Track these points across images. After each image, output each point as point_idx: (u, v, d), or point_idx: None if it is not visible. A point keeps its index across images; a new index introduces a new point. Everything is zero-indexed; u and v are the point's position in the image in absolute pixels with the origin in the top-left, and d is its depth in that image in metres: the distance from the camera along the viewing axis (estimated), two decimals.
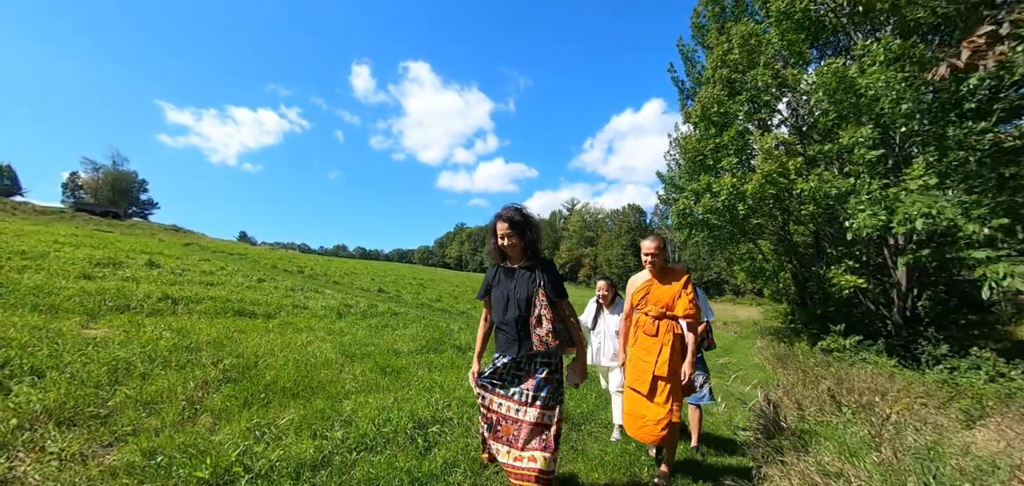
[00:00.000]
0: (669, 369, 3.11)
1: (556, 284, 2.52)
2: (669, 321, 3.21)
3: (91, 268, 7.79)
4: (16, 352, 3.48)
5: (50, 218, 34.05)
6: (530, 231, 2.56)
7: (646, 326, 3.26)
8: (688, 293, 3.19)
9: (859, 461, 3.35)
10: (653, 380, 3.12)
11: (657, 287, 3.30)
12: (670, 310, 3.21)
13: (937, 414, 5.13)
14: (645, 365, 3.19)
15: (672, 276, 3.29)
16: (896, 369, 8.82)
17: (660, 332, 3.19)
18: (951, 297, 12.18)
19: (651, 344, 3.21)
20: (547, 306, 2.46)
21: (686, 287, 3.21)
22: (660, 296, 3.26)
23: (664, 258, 3.31)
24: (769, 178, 10.59)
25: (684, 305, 3.18)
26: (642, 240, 3.33)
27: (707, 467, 3.73)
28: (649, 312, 3.28)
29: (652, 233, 3.35)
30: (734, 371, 8.28)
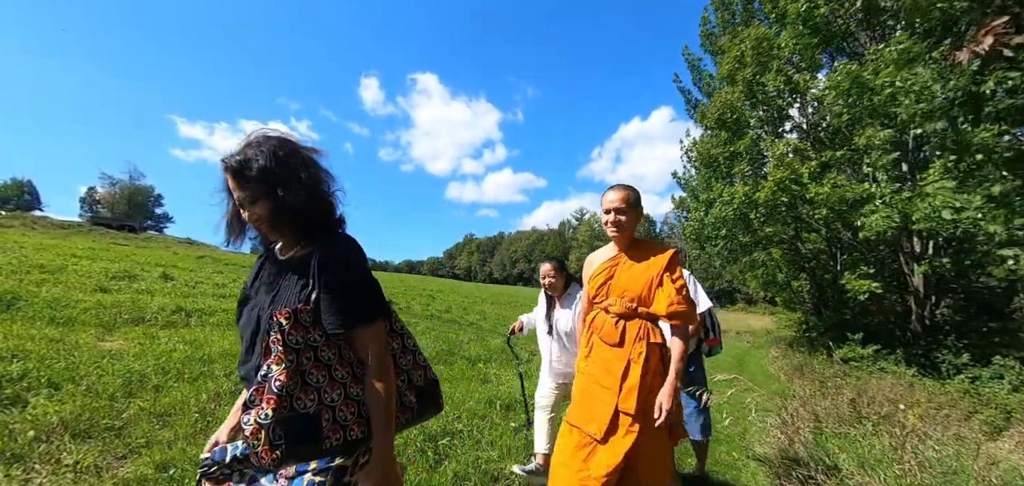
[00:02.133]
0: (640, 399, 1.95)
1: (344, 291, 1.20)
2: (642, 323, 2.07)
3: (107, 281, 7.92)
4: (34, 364, 3.54)
5: (68, 232, 34.80)
6: (279, 173, 1.20)
7: (606, 330, 2.11)
8: (674, 278, 2.08)
9: (880, 474, 3.26)
10: (614, 417, 1.96)
11: (625, 268, 2.15)
12: (645, 305, 2.08)
13: (960, 425, 4.99)
14: (601, 393, 2.03)
15: (648, 252, 2.17)
16: (916, 379, 8.61)
17: (627, 340, 2.06)
18: (971, 304, 11.89)
19: (613, 359, 2.06)
20: (304, 347, 1.18)
21: (671, 270, 2.10)
22: (628, 282, 2.11)
23: (635, 219, 2.18)
24: (782, 185, 10.48)
25: (668, 298, 2.03)
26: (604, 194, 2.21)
27: None
28: (611, 308, 2.12)
29: (620, 185, 2.18)
30: (748, 385, 8.15)
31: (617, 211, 2.12)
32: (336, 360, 1.24)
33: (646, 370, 1.99)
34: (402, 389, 1.43)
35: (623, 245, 2.20)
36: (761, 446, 4.40)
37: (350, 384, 1.25)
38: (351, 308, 1.21)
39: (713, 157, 13.23)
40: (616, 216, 2.11)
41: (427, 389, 1.51)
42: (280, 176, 1.20)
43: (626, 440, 1.92)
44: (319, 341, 1.21)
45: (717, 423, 5.15)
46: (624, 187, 2.14)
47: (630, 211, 2.13)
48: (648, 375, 2.00)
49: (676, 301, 2.01)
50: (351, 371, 1.26)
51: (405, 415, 1.43)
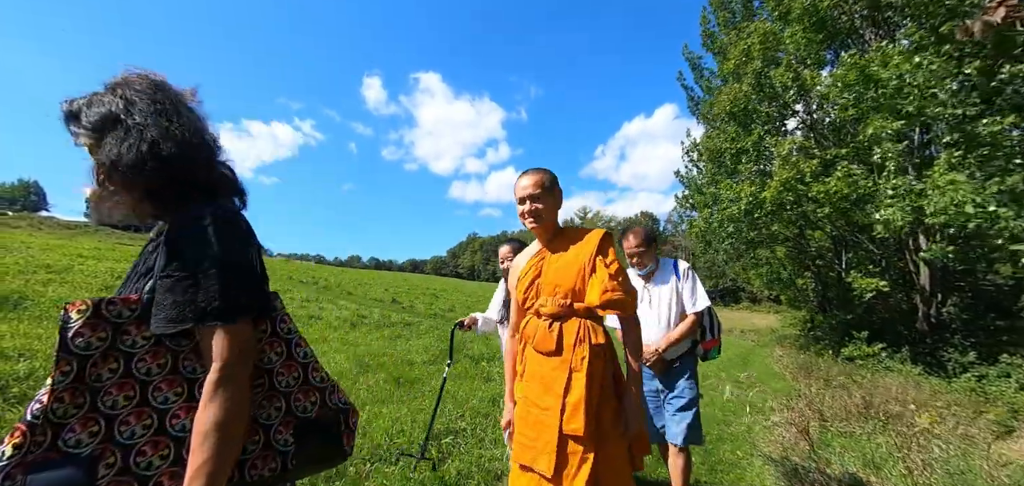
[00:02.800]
0: (589, 418, 1.60)
1: (190, 275, 0.88)
2: (581, 321, 1.73)
3: (113, 281, 7.97)
4: (41, 363, 3.56)
5: (74, 232, 35.06)
6: (127, 118, 0.92)
7: (540, 337, 1.77)
8: (607, 262, 1.74)
9: (885, 473, 3.25)
10: (560, 443, 1.61)
11: (553, 261, 1.83)
12: (580, 299, 1.75)
13: (967, 424, 4.96)
14: (542, 417, 1.68)
15: (576, 238, 1.85)
16: (922, 377, 8.56)
17: (565, 344, 1.71)
18: (978, 302, 11.82)
19: (550, 372, 1.71)
20: (104, 353, 0.85)
21: (603, 253, 1.76)
22: (558, 276, 1.79)
23: (554, 205, 1.84)
24: (787, 185, 10.44)
25: (601, 284, 1.69)
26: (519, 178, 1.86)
27: None
28: (544, 309, 1.79)
29: (533, 169, 1.86)
30: (754, 386, 8.12)
31: (532, 199, 1.78)
32: (162, 376, 0.88)
33: (592, 379, 1.62)
34: (272, 421, 1.00)
35: (546, 237, 1.87)
36: (766, 444, 4.38)
37: (177, 413, 0.88)
38: (196, 298, 0.86)
39: (720, 151, 13.21)
40: (532, 205, 1.78)
41: (319, 423, 1.07)
42: (128, 123, 0.90)
43: (581, 475, 1.54)
44: (138, 347, 0.87)
45: (721, 422, 5.13)
46: (537, 171, 1.82)
47: (547, 197, 1.80)
48: (595, 385, 1.63)
49: (611, 288, 1.66)
50: (188, 393, 0.90)
51: (270, 463, 0.98)
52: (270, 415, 1.01)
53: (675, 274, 2.74)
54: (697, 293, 2.69)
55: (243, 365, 0.89)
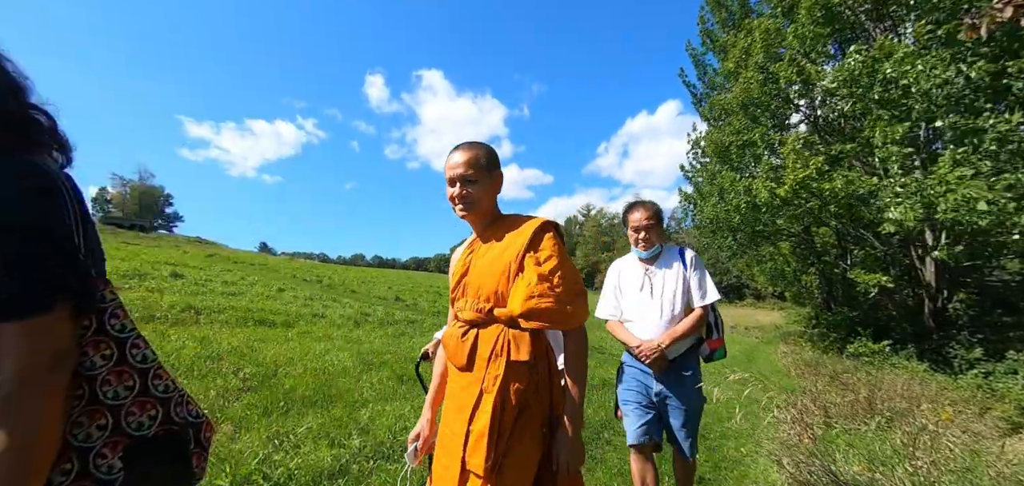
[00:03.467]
0: (489, 452, 1.27)
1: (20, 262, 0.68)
2: (502, 331, 1.39)
3: (118, 280, 8.01)
4: None
5: None
6: None
7: (452, 347, 1.48)
8: (540, 259, 1.38)
9: (891, 471, 3.22)
10: (462, 480, 1.32)
11: (481, 255, 1.51)
12: (501, 304, 1.41)
13: (974, 421, 4.92)
14: (450, 444, 1.40)
15: (512, 227, 1.49)
16: (928, 374, 8.51)
17: (478, 358, 1.40)
18: (985, 298, 11.73)
19: (461, 391, 1.42)
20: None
21: (535, 246, 1.41)
22: (482, 275, 1.46)
23: (491, 187, 1.51)
24: (802, 183, 10.36)
25: (526, 287, 1.34)
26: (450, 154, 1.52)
27: None
28: (461, 314, 1.50)
29: (465, 144, 1.52)
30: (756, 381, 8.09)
31: (464, 181, 1.44)
32: None
33: (504, 404, 1.28)
34: (93, 443, 0.78)
35: (479, 225, 1.54)
36: (771, 442, 4.36)
37: None
38: None
39: (725, 145, 13.17)
40: (462, 188, 1.44)
41: (160, 442, 0.87)
42: None
43: None
44: None
45: (725, 419, 5.12)
46: (471, 145, 1.48)
47: (483, 178, 1.46)
48: (508, 412, 1.28)
49: (538, 292, 1.29)
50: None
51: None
52: (90, 435, 0.78)
53: (681, 262, 2.40)
54: (706, 285, 2.38)
55: (52, 372, 0.69)
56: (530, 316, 1.32)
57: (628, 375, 2.48)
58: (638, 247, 2.43)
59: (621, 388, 2.49)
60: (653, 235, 2.41)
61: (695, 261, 2.41)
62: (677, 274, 2.38)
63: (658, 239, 2.43)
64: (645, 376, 2.39)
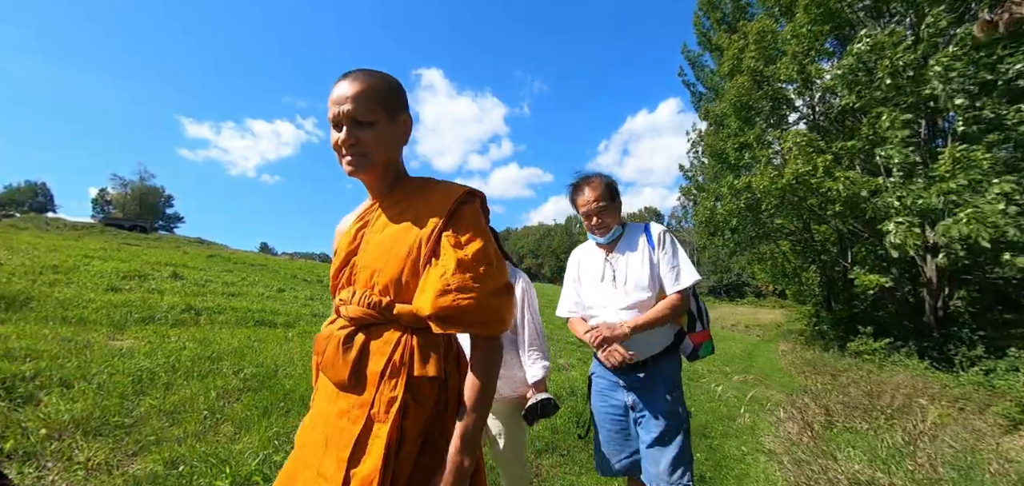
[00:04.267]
0: None
1: None
2: (402, 336, 1.02)
3: (118, 281, 8.02)
4: (46, 363, 3.59)
5: (81, 233, 35.35)
6: None
7: (328, 357, 1.06)
8: (463, 239, 1.01)
9: (891, 470, 3.22)
10: None
11: (377, 230, 1.11)
12: (403, 299, 1.03)
13: (975, 418, 4.92)
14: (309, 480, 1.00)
15: (421, 196, 1.11)
16: (929, 372, 8.51)
17: (367, 375, 1.01)
18: (986, 295, 11.73)
19: (338, 416, 1.01)
20: None
21: (456, 225, 1.04)
22: (378, 255, 1.06)
23: (394, 134, 1.10)
24: (800, 178, 10.37)
25: (440, 278, 0.96)
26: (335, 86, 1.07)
27: None
28: (345, 309, 1.08)
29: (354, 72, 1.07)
30: (755, 377, 8.09)
31: (353, 123, 1.03)
32: None
33: (401, 438, 0.95)
34: None
35: (377, 188, 1.15)
36: (772, 440, 4.36)
37: None
38: None
39: (722, 150, 13.22)
40: (351, 133, 1.03)
41: None
42: None
43: None
44: None
45: (726, 418, 5.11)
46: (365, 75, 1.06)
47: (381, 120, 1.05)
48: (406, 449, 0.96)
49: (456, 284, 0.94)
50: None
51: None
52: None
53: (648, 241, 1.95)
54: (680, 264, 1.91)
55: None
56: (447, 317, 0.94)
57: (595, 390, 2.07)
58: (594, 233, 2.01)
59: (595, 403, 2.08)
60: (608, 216, 1.96)
61: (664, 238, 1.95)
62: (643, 256, 1.93)
63: (615, 220, 1.99)
64: (614, 386, 1.96)
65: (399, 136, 1.11)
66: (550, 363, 2.17)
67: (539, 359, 1.99)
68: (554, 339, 8.59)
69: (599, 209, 1.95)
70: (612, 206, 1.98)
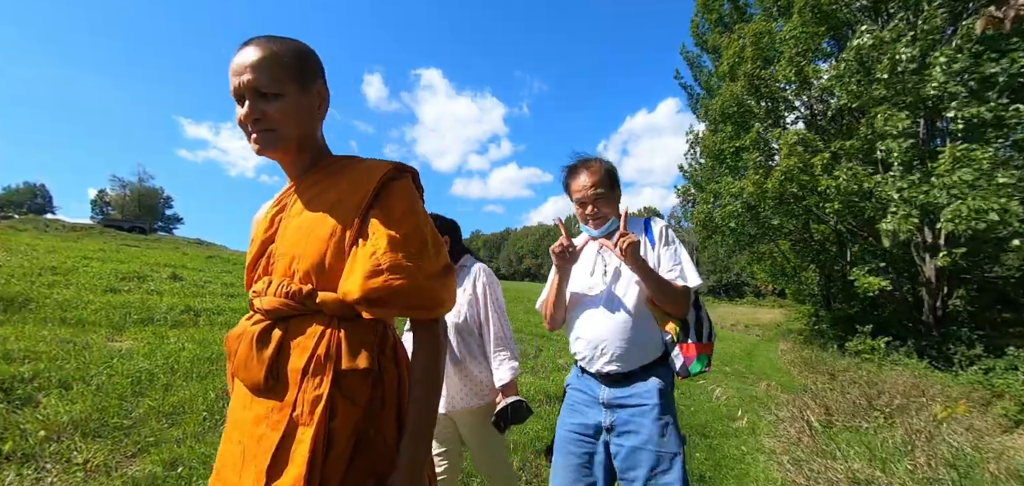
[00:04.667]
0: None
1: None
2: (326, 331, 0.89)
3: (117, 282, 8.01)
4: (45, 364, 3.58)
5: (80, 234, 35.29)
6: None
7: (242, 356, 0.92)
8: (394, 216, 0.93)
9: (891, 468, 3.23)
10: None
11: (296, 213, 1.00)
12: (327, 286, 0.92)
13: (974, 417, 4.92)
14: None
15: (345, 175, 1.00)
16: (928, 371, 8.52)
17: (287, 374, 0.88)
18: (985, 295, 11.76)
19: (253, 424, 0.88)
20: None
21: (384, 204, 0.95)
22: (297, 240, 0.96)
23: (305, 104, 0.97)
24: (790, 175, 10.39)
25: (370, 259, 0.87)
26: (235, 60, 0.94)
27: None
28: (259, 301, 0.95)
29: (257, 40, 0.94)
30: (755, 377, 8.09)
31: (256, 95, 0.92)
32: None
33: (329, 443, 0.84)
34: None
35: (294, 167, 1.03)
36: (771, 440, 4.36)
37: None
38: None
39: (720, 151, 13.27)
40: (255, 107, 0.92)
41: None
42: None
43: None
44: None
45: (725, 418, 5.12)
46: (270, 42, 0.94)
47: (290, 90, 0.94)
48: (335, 454, 0.84)
49: (389, 263, 0.86)
50: None
51: None
52: None
53: (648, 238, 1.73)
54: (683, 263, 1.66)
55: None
56: (379, 301, 0.86)
57: (567, 403, 1.74)
58: (587, 224, 1.76)
59: (561, 420, 1.72)
60: (605, 205, 1.72)
61: (666, 234, 1.72)
62: (642, 252, 1.65)
63: (613, 211, 1.74)
64: (591, 401, 1.65)
65: (314, 109, 1.01)
66: (520, 363, 2.02)
67: (506, 360, 1.88)
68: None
69: (596, 196, 1.70)
70: (611, 195, 1.74)
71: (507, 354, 1.90)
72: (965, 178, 7.01)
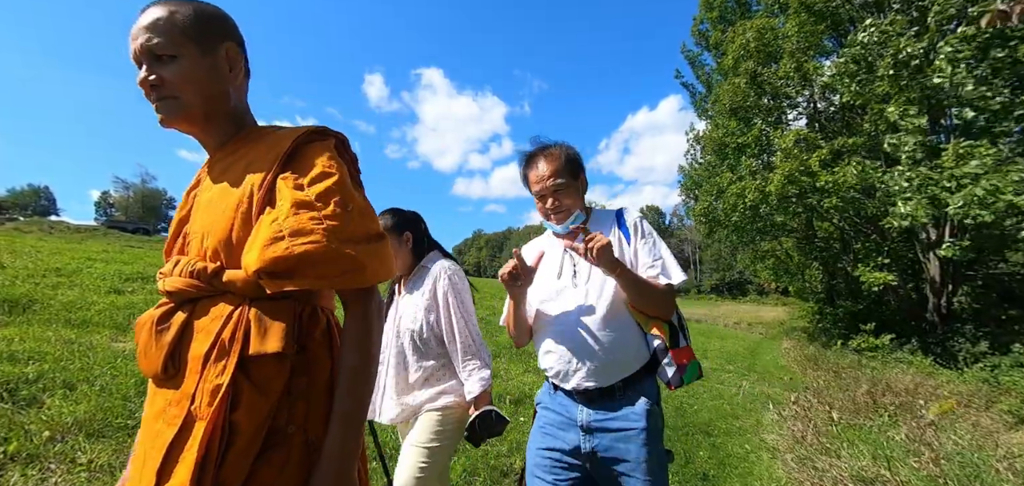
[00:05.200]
0: None
1: None
2: (238, 310, 0.79)
3: (121, 283, 8.04)
4: (50, 365, 3.59)
5: (84, 236, 35.46)
6: None
7: (145, 346, 0.82)
8: (308, 177, 0.82)
9: (896, 466, 3.21)
10: None
11: (207, 189, 0.92)
12: (235, 265, 0.81)
13: (980, 415, 4.89)
14: None
15: (256, 142, 0.91)
16: (933, 368, 8.47)
17: (187, 361, 0.78)
18: (990, 291, 11.68)
19: (153, 418, 0.79)
20: None
21: (296, 165, 0.85)
22: (210, 216, 0.86)
23: (211, 71, 0.88)
24: (790, 177, 10.36)
25: (275, 223, 0.75)
26: None
27: None
28: (166, 283, 0.85)
29: None
30: (758, 375, 8.07)
31: (151, 55, 0.85)
32: None
33: (231, 436, 0.73)
34: None
35: (208, 139, 0.94)
36: (775, 438, 4.35)
37: None
38: None
39: (724, 144, 13.28)
40: (152, 70, 0.85)
41: None
42: None
43: None
44: None
45: (730, 416, 5.10)
46: (166, 2, 0.86)
47: (187, 51, 0.86)
48: (236, 450, 0.73)
49: (292, 227, 0.75)
50: None
51: None
52: None
53: (621, 231, 1.52)
54: (664, 258, 1.45)
55: None
56: (279, 270, 0.74)
57: (538, 425, 1.53)
58: (549, 219, 1.55)
59: (531, 445, 1.52)
60: (565, 196, 1.51)
61: (642, 227, 1.51)
62: (615, 248, 1.43)
63: (575, 203, 1.53)
64: (566, 423, 1.44)
65: (221, 72, 0.90)
66: (492, 371, 1.81)
67: (476, 370, 1.69)
68: None
69: (555, 187, 1.50)
70: (573, 185, 1.53)
71: (477, 363, 1.71)
72: (970, 171, 6.96)
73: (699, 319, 26.17)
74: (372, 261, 0.81)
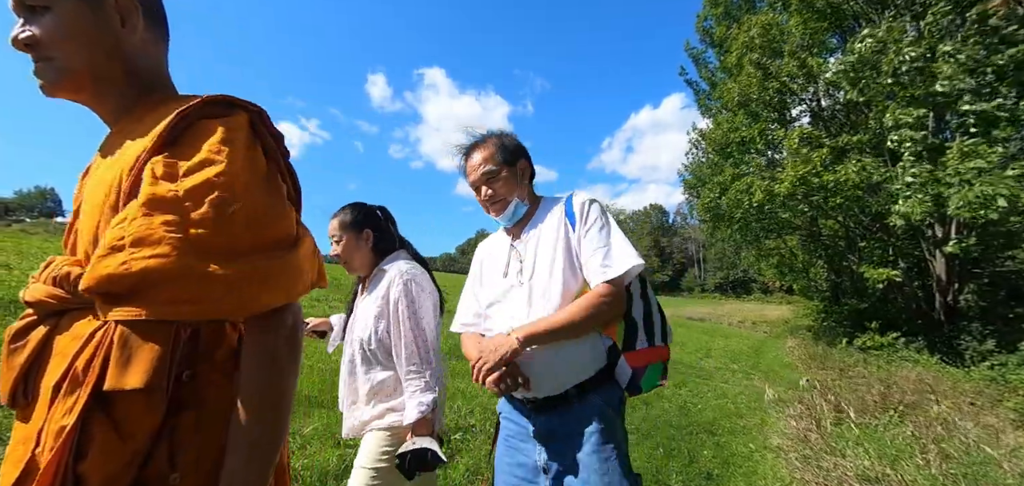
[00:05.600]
0: None
1: None
2: (95, 323, 0.64)
3: None
4: None
5: None
6: None
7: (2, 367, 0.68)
8: (185, 167, 0.62)
9: (902, 465, 3.19)
10: None
11: (90, 178, 0.75)
12: (83, 265, 0.66)
13: (987, 414, 4.86)
14: None
15: (150, 118, 0.69)
16: (939, 367, 8.42)
17: (39, 387, 0.64)
18: (996, 289, 11.59)
19: (9, 453, 0.63)
20: None
21: (174, 148, 0.65)
22: (85, 214, 0.70)
23: (101, 25, 0.70)
24: (801, 179, 10.32)
25: (119, 225, 0.58)
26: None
27: None
28: (29, 292, 0.69)
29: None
30: (763, 374, 8.04)
31: (24, 8, 0.70)
32: None
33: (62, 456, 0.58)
34: None
35: (103, 111, 0.78)
36: (779, 437, 4.33)
37: None
38: None
39: (727, 140, 13.26)
40: (27, 27, 0.70)
41: None
42: None
43: None
44: None
45: (734, 415, 5.09)
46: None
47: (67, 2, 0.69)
48: None
49: (133, 236, 0.57)
50: None
51: None
52: None
53: (566, 216, 1.37)
54: (612, 243, 1.28)
55: None
56: (113, 289, 0.58)
57: (502, 438, 1.46)
58: (489, 213, 1.45)
59: (498, 459, 1.46)
60: (498, 184, 1.40)
61: (589, 210, 1.35)
62: (557, 236, 1.34)
63: (512, 191, 1.41)
64: (524, 434, 1.36)
65: (110, 27, 0.72)
66: (442, 391, 1.61)
67: (418, 392, 1.46)
68: None
69: (487, 175, 1.38)
70: (509, 172, 1.40)
71: (420, 384, 1.47)
72: (972, 167, 6.93)
73: (703, 318, 26.11)
74: (251, 284, 0.62)
